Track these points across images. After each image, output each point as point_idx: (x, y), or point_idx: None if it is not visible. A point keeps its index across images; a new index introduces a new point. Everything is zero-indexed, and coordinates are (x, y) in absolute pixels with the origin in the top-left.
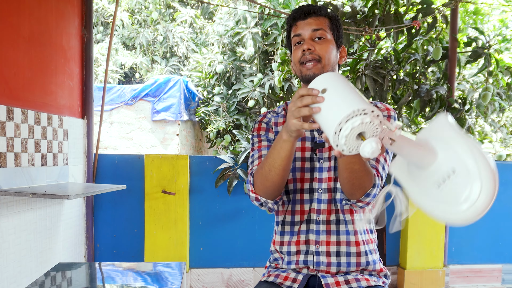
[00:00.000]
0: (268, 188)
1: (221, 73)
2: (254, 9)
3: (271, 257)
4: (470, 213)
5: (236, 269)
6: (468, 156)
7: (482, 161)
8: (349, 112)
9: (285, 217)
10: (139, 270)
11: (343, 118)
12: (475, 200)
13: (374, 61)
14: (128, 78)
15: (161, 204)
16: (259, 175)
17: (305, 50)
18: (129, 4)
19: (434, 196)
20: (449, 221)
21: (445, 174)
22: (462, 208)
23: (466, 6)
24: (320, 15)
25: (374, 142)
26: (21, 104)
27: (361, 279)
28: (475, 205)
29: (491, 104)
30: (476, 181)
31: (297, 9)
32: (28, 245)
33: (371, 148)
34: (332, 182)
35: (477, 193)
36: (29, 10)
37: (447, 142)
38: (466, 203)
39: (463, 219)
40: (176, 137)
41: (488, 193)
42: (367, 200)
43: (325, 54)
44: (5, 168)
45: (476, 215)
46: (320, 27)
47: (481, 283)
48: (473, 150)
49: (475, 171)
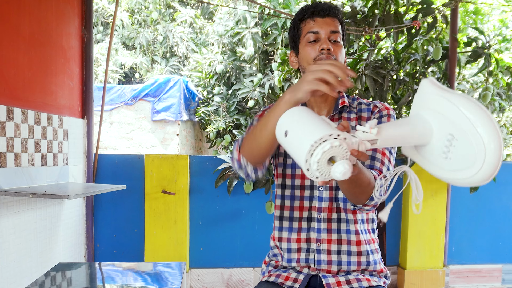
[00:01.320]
0: (254, 150)
1: (221, 73)
2: (254, 9)
3: (270, 252)
4: (487, 169)
5: (236, 269)
6: (460, 117)
7: (476, 115)
8: (317, 138)
9: (283, 212)
10: (139, 270)
11: (313, 144)
12: (484, 157)
13: (374, 61)
14: (128, 78)
15: (161, 204)
16: (248, 135)
17: (325, 49)
18: (129, 4)
19: (447, 167)
20: (473, 184)
21: (447, 143)
22: (476, 169)
23: (466, 6)
24: (336, 17)
25: (345, 163)
26: (21, 104)
27: (362, 279)
28: (487, 161)
29: (491, 104)
30: (477, 138)
31: (315, 5)
32: (28, 245)
33: (343, 169)
34: (334, 181)
35: (482, 149)
36: (29, 10)
37: (435, 109)
38: (478, 163)
39: (483, 178)
40: (176, 137)
41: (495, 143)
42: (373, 203)
43: (340, 56)
44: (5, 168)
45: (493, 169)
46: (337, 29)
47: (481, 283)
48: (463, 108)
49: (471, 128)
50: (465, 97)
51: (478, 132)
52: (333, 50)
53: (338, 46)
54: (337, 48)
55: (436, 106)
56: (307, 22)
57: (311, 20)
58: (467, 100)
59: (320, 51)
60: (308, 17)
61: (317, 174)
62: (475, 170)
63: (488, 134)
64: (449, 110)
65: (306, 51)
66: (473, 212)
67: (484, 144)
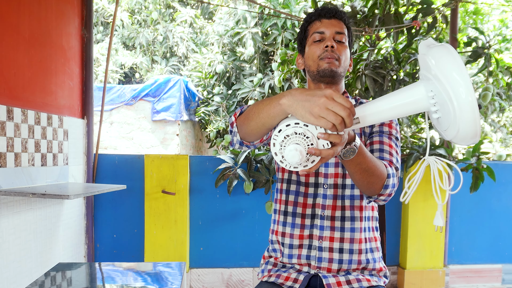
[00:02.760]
0: (243, 126)
1: (221, 73)
2: (254, 9)
3: (270, 247)
4: (463, 124)
5: (236, 269)
6: (434, 70)
7: (447, 63)
8: (286, 123)
9: (287, 207)
10: (139, 270)
11: (280, 127)
12: (455, 112)
13: (374, 61)
14: (128, 78)
15: (161, 204)
16: (246, 112)
17: (329, 46)
18: (129, 4)
19: (440, 128)
20: (463, 142)
21: (432, 101)
22: (455, 127)
23: (466, 6)
24: (342, 20)
25: (296, 148)
26: (21, 104)
27: (362, 279)
28: (458, 116)
29: (491, 104)
30: (447, 91)
31: (322, 8)
32: (28, 245)
33: (292, 151)
34: (340, 179)
35: (454, 104)
36: (29, 10)
37: (422, 71)
38: (453, 118)
39: (466, 134)
40: (176, 137)
41: (465, 94)
42: (388, 192)
43: (343, 55)
44: (5, 168)
45: (470, 123)
46: (342, 31)
47: (481, 283)
48: (435, 59)
49: (443, 80)
50: (442, 48)
51: (449, 83)
52: (337, 49)
53: (343, 46)
54: (341, 48)
55: (423, 66)
56: (314, 24)
57: (318, 21)
58: (443, 52)
59: (324, 49)
60: (315, 19)
61: (281, 158)
62: (455, 128)
63: (457, 85)
64: (428, 67)
65: (311, 49)
66: (473, 212)
67: (452, 93)
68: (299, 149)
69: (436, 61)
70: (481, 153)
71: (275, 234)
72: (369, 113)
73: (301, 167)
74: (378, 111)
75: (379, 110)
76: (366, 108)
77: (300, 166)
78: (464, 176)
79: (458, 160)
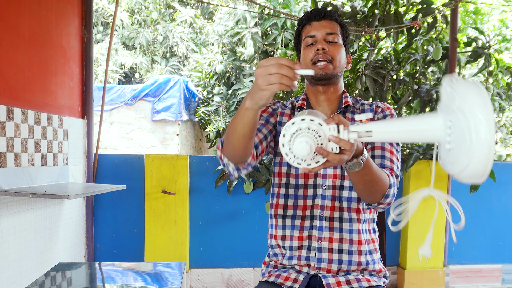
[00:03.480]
0: (229, 151)
1: (221, 73)
2: (254, 9)
3: (271, 252)
4: (476, 160)
5: (236, 269)
6: (458, 102)
7: (472, 98)
8: (302, 117)
9: (287, 211)
10: (139, 270)
11: (296, 120)
12: (471, 145)
13: (374, 61)
14: (128, 78)
15: (161, 204)
16: (225, 136)
17: (319, 49)
18: (129, 4)
19: (449, 159)
20: (468, 178)
21: (449, 131)
22: (466, 160)
23: (466, 6)
24: (333, 20)
25: (306, 141)
26: (21, 104)
27: (362, 279)
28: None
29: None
30: (467, 122)
31: (311, 11)
32: (28, 245)
33: (300, 144)
34: (338, 180)
35: (471, 136)
36: (29, 10)
37: (445, 102)
38: (467, 151)
39: (475, 170)
40: (176, 137)
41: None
42: (388, 201)
43: (337, 55)
44: (5, 168)
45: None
46: (334, 31)
47: (481, 283)
48: (461, 92)
49: (464, 113)
50: (472, 83)
51: (473, 117)
52: (330, 50)
53: (336, 46)
54: (334, 48)
55: (446, 97)
56: (305, 28)
57: (309, 25)
58: (472, 88)
59: (316, 52)
60: (306, 23)
61: (289, 153)
62: (465, 163)
63: (479, 119)
64: (453, 98)
65: (304, 54)
66: (473, 212)
67: (473, 128)
68: (309, 143)
69: (464, 94)
70: None
71: (274, 239)
72: (383, 130)
73: (304, 164)
74: (391, 130)
75: (392, 130)
76: (380, 125)
77: (303, 163)
78: None
79: None
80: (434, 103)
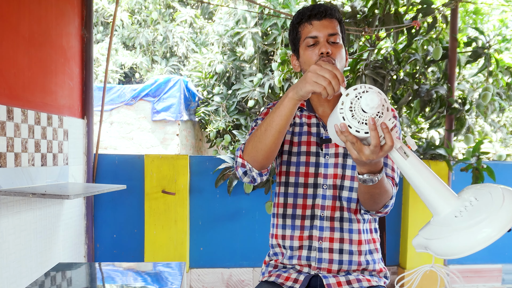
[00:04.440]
0: (258, 152)
1: (221, 73)
2: (254, 9)
3: (271, 252)
4: (495, 223)
5: (236, 269)
6: (494, 187)
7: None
8: (356, 86)
9: (286, 210)
10: (139, 270)
11: (349, 89)
12: (499, 209)
13: (374, 61)
14: (128, 78)
15: (161, 204)
16: (252, 138)
17: (324, 53)
18: (129, 4)
19: (455, 224)
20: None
21: (467, 203)
22: (486, 220)
23: (466, 6)
24: (333, 18)
25: (382, 96)
26: (21, 104)
27: (362, 279)
28: (499, 214)
29: (491, 104)
30: (499, 198)
31: (311, 8)
32: (28, 245)
33: (372, 96)
34: (338, 180)
35: (499, 205)
36: (29, 10)
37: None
38: (491, 215)
39: (487, 234)
40: (176, 137)
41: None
42: (386, 210)
43: (339, 57)
44: (5, 168)
45: (483, 241)
46: (335, 31)
47: (481, 283)
48: (501, 187)
49: (499, 193)
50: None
51: (503, 194)
52: (333, 53)
53: (338, 47)
54: (336, 50)
55: (474, 191)
56: (305, 26)
57: (309, 24)
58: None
59: (319, 55)
60: (306, 21)
61: (355, 124)
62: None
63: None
64: (487, 186)
65: (306, 55)
66: None
67: (504, 199)
68: (382, 97)
69: (491, 195)
70: (481, 153)
71: (275, 238)
72: (415, 164)
73: (362, 125)
74: (420, 171)
75: (421, 172)
76: (418, 160)
77: (362, 123)
78: (464, 176)
79: (458, 160)
80: (434, 103)
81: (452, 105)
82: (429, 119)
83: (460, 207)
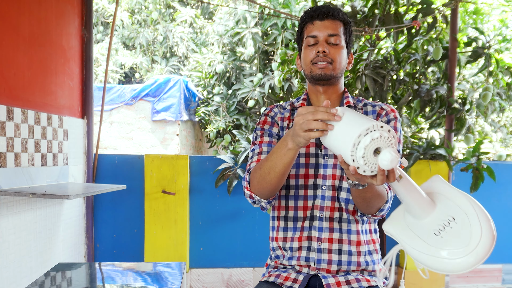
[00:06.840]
0: (265, 189)
1: (221, 73)
2: (254, 9)
3: (272, 254)
4: (472, 258)
5: (236, 269)
6: (467, 206)
7: (480, 210)
8: (368, 126)
9: (288, 213)
10: (139, 270)
11: (362, 131)
12: (477, 245)
13: (374, 61)
14: (128, 78)
15: (161, 204)
16: (256, 175)
17: (320, 52)
18: (129, 4)
19: (435, 243)
20: (449, 268)
21: (446, 223)
22: (465, 251)
23: (466, 6)
24: (336, 19)
25: (391, 151)
26: (21, 104)
27: (361, 279)
28: (477, 250)
29: (491, 104)
30: (477, 227)
31: (315, 9)
32: (28, 245)
33: (390, 156)
34: (337, 180)
35: (477, 238)
36: (29, 10)
37: (445, 194)
38: (469, 247)
39: (464, 264)
40: (176, 137)
41: (488, 239)
42: (381, 214)
43: (338, 57)
44: (5, 168)
45: (477, 261)
46: (336, 32)
47: (481, 283)
48: (470, 201)
49: (475, 218)
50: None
51: (480, 222)
52: (330, 53)
53: (337, 48)
54: (335, 51)
55: (447, 193)
56: (308, 26)
57: (311, 24)
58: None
59: (316, 53)
60: (308, 21)
61: (365, 168)
62: (467, 251)
63: (486, 226)
64: (459, 199)
65: (305, 53)
66: None
67: (482, 231)
68: (393, 152)
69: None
70: (481, 153)
71: (275, 241)
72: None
73: (368, 171)
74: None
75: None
76: (409, 181)
77: (373, 169)
78: (464, 176)
79: (458, 160)
80: (434, 103)
81: (452, 105)
82: (429, 119)
83: (439, 224)
